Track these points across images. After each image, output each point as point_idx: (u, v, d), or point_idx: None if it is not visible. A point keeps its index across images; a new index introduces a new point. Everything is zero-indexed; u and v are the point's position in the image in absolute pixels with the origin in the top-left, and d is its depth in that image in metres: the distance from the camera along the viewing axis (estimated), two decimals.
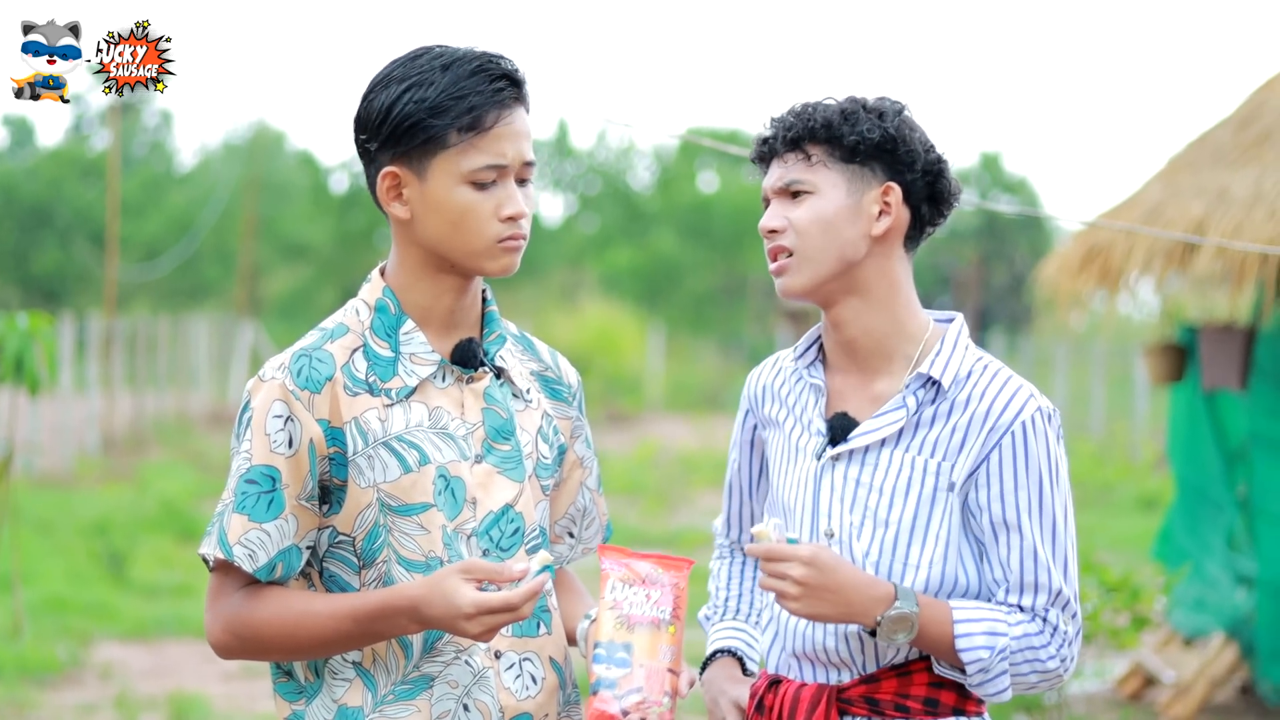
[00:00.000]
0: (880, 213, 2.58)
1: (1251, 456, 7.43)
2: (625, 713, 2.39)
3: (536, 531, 2.57)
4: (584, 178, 44.26)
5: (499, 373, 2.58)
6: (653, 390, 28.88)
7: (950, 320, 2.66)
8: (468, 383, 2.54)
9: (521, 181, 2.50)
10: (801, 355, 2.69)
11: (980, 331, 29.22)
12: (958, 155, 2.70)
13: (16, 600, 7.83)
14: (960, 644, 2.52)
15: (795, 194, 2.60)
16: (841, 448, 2.60)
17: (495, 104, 2.44)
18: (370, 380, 2.48)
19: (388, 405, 2.48)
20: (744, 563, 2.92)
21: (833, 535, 2.60)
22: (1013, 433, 2.54)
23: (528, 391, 2.61)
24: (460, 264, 2.49)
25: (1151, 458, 16.37)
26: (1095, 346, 22.09)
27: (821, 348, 2.70)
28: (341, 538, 2.48)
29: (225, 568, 2.46)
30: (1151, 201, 7.32)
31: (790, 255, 2.60)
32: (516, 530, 2.53)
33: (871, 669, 2.60)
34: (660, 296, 38.85)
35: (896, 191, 2.58)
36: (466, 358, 2.53)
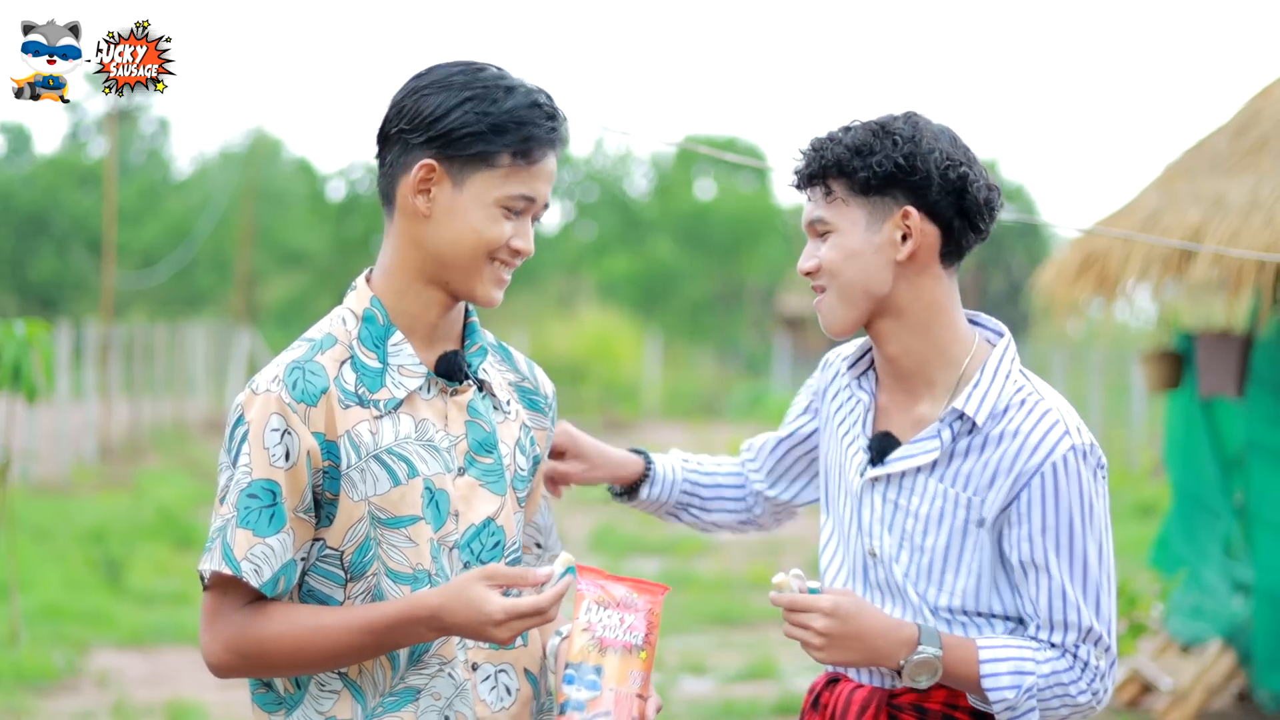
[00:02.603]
0: (903, 237, 2.59)
1: (1248, 464, 7.43)
2: None
3: (516, 544, 2.59)
4: (581, 185, 44.28)
5: (481, 385, 2.59)
6: (650, 397, 28.89)
7: (1000, 334, 2.67)
8: (451, 395, 2.54)
9: (534, 219, 2.55)
10: (854, 365, 2.73)
11: None
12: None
13: (13, 608, 7.80)
14: (986, 684, 2.54)
15: (821, 232, 2.63)
16: (879, 470, 2.63)
17: (547, 141, 2.49)
18: (360, 392, 2.48)
19: (377, 417, 2.48)
20: (740, 474, 3.01)
21: (875, 555, 2.64)
22: (1042, 474, 2.53)
23: (507, 403, 2.62)
24: (453, 281, 2.51)
25: (1148, 465, 16.36)
26: (1092, 354, 22.10)
27: (873, 359, 2.73)
28: (329, 551, 2.47)
29: (224, 585, 2.44)
30: (1148, 209, 7.32)
31: (824, 294, 2.63)
32: (497, 543, 2.54)
33: None
34: (657, 304, 38.86)
35: (914, 215, 2.58)
36: (452, 370, 2.54)
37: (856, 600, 2.55)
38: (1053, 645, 2.56)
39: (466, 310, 2.61)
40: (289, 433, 2.43)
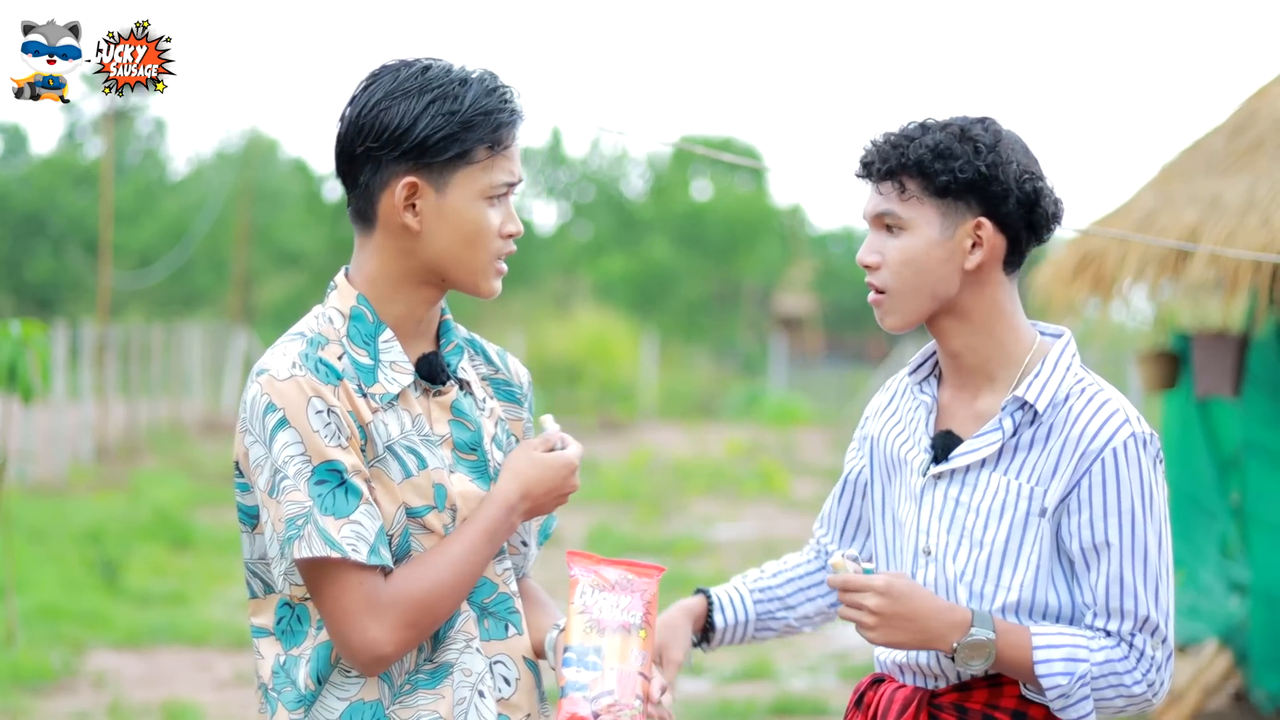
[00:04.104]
0: (973, 245, 2.60)
1: (1245, 464, 7.44)
2: (596, 715, 2.41)
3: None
4: (577, 185, 44.27)
5: (462, 384, 2.59)
6: (646, 398, 28.88)
7: (1059, 336, 2.68)
8: (435, 396, 2.55)
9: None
10: (915, 370, 2.74)
11: None
12: None
13: (10, 608, 7.82)
14: (1039, 669, 2.55)
15: (889, 226, 2.63)
16: (943, 467, 2.64)
17: (511, 123, 2.50)
18: (360, 386, 2.48)
19: (379, 411, 2.48)
20: (816, 558, 2.96)
21: (930, 553, 2.65)
22: (1103, 459, 2.55)
23: (484, 400, 2.63)
24: (457, 279, 2.52)
25: None
26: (1089, 354, 22.11)
27: (937, 362, 2.74)
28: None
29: (361, 576, 2.40)
30: (1145, 209, 7.33)
31: (884, 293, 2.63)
32: None
33: (965, 678, 2.64)
34: (654, 304, 38.85)
35: (988, 226, 2.60)
36: (433, 372, 2.55)
37: (910, 582, 2.57)
38: (1108, 634, 2.56)
39: (441, 307, 2.62)
40: (332, 410, 2.42)
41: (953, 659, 2.58)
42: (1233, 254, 6.41)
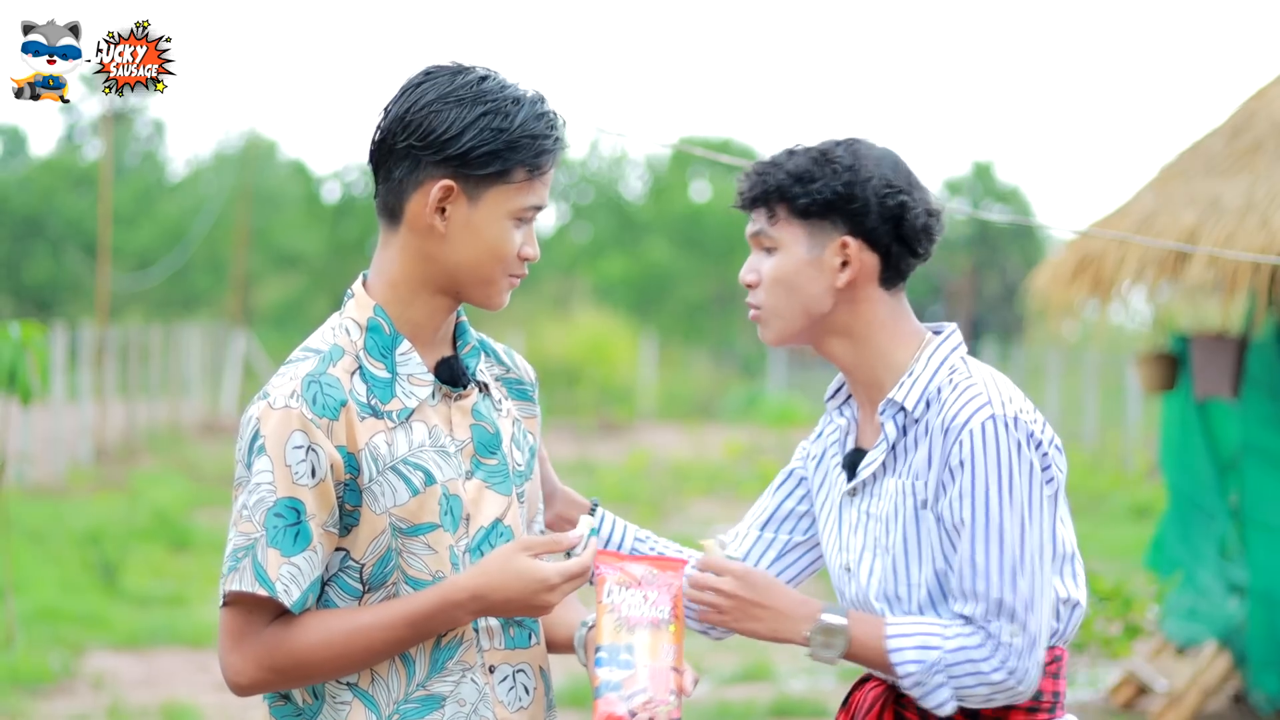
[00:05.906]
0: (843, 264, 2.64)
1: (1243, 466, 7.45)
2: (633, 713, 2.42)
3: None
4: (576, 187, 44.28)
5: (482, 387, 2.60)
6: (645, 399, 28.89)
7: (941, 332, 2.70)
8: (455, 400, 2.55)
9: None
10: (833, 396, 2.77)
11: (973, 341, 29.26)
12: (950, 165, 2.72)
13: (9, 610, 7.82)
14: (893, 658, 2.56)
15: (766, 247, 2.68)
16: (852, 483, 2.68)
17: (554, 152, 2.52)
18: (372, 403, 2.47)
19: (391, 428, 2.47)
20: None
21: (850, 569, 2.68)
22: (960, 442, 2.55)
23: (500, 401, 2.63)
24: (469, 290, 2.52)
25: (1144, 467, 16.38)
26: (1088, 356, 22.13)
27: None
28: (351, 563, 2.47)
29: (249, 604, 2.42)
30: (1144, 211, 7.34)
31: (760, 310, 2.69)
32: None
33: None
34: (653, 306, 38.88)
35: (853, 244, 2.63)
36: (454, 376, 2.55)
37: (770, 578, 2.62)
38: (967, 620, 2.55)
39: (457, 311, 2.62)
40: (313, 449, 2.41)
41: (809, 651, 2.59)
42: (1231, 255, 6.42)
